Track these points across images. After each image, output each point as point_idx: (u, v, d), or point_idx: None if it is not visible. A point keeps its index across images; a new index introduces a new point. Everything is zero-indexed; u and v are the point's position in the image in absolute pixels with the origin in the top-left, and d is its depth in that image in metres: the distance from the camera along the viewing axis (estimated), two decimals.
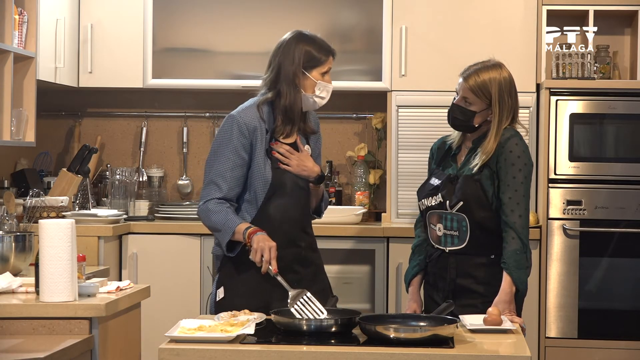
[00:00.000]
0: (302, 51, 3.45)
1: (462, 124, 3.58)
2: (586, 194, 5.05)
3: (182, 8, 5.43)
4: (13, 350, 2.92)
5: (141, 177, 5.74)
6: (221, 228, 3.38)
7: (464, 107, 3.55)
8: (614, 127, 5.12)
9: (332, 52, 3.53)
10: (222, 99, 5.72)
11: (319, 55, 3.47)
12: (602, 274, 5.05)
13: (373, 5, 5.35)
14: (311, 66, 3.46)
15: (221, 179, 3.41)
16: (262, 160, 3.44)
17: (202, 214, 3.46)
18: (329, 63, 3.50)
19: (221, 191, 3.41)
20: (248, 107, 3.50)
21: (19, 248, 3.67)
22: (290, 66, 3.44)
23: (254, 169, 3.45)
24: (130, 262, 5.14)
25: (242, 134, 3.42)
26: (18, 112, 4.79)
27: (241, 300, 3.38)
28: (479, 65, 3.56)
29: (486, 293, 3.48)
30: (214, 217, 3.40)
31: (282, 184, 3.46)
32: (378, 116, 5.57)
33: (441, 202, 3.55)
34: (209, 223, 3.44)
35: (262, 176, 3.44)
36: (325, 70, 3.49)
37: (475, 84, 3.52)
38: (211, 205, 3.41)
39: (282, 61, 3.46)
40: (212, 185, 3.43)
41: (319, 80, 3.47)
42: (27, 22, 4.86)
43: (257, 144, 3.44)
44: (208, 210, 3.42)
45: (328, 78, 3.51)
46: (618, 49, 5.48)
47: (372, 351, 2.75)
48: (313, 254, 3.59)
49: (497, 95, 3.52)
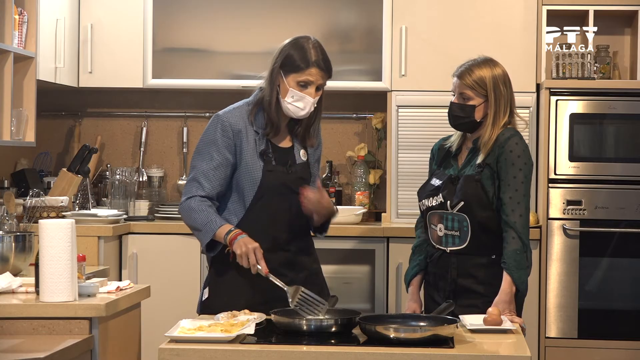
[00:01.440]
0: (285, 53, 3.39)
1: (463, 121, 3.58)
2: (586, 194, 5.05)
3: (182, 8, 5.43)
4: (13, 350, 2.92)
5: (141, 177, 5.74)
6: (202, 228, 3.34)
7: (463, 103, 3.56)
8: (614, 127, 5.12)
9: (318, 65, 3.37)
10: (222, 99, 5.68)
11: (297, 62, 3.36)
12: (602, 274, 5.05)
13: (373, 5, 5.35)
14: (288, 70, 3.38)
15: (204, 177, 3.38)
16: (252, 161, 3.40)
17: (183, 212, 3.41)
18: (309, 75, 3.36)
19: (204, 190, 3.37)
20: (236, 108, 3.47)
21: (19, 248, 3.66)
22: (273, 65, 3.41)
23: (241, 170, 3.41)
24: (130, 262, 5.14)
25: (226, 134, 3.39)
26: (18, 112, 4.80)
27: (223, 300, 3.36)
28: (470, 62, 3.59)
29: (487, 293, 3.48)
30: (195, 215, 3.35)
31: (272, 187, 3.41)
32: (378, 116, 5.57)
33: (442, 203, 3.55)
34: (189, 222, 3.40)
35: (250, 176, 3.40)
36: (302, 80, 3.36)
37: (470, 78, 3.54)
38: (193, 203, 3.37)
39: (273, 59, 3.44)
40: (194, 183, 3.39)
41: (293, 87, 3.36)
42: (27, 22, 4.86)
43: (243, 145, 3.40)
44: (190, 209, 3.37)
45: (309, 90, 3.37)
46: (618, 49, 5.48)
47: (372, 351, 2.75)
48: (306, 258, 3.52)
49: (491, 85, 3.54)
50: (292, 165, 3.47)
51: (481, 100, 3.56)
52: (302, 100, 3.38)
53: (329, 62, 3.43)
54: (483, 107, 3.56)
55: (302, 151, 3.52)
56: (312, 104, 3.39)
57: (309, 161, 3.54)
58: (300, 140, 3.52)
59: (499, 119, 3.55)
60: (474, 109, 3.55)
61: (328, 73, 3.42)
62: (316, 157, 3.61)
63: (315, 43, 3.42)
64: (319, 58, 3.38)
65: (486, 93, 3.55)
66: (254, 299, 3.35)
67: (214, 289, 3.46)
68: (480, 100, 3.55)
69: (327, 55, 3.43)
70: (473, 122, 3.57)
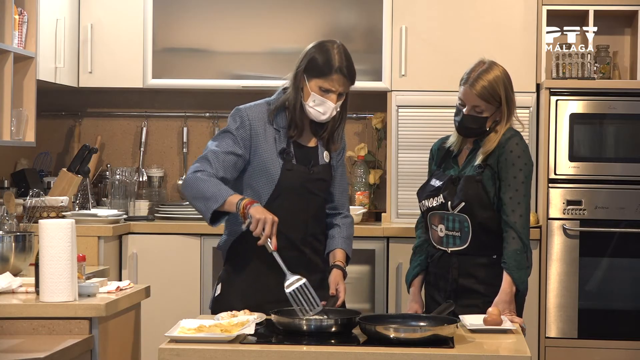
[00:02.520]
0: (310, 56, 3.36)
1: (475, 132, 3.56)
2: (586, 194, 5.05)
3: (182, 8, 5.43)
4: (13, 350, 2.92)
5: (141, 177, 5.74)
6: (210, 196, 3.25)
7: (476, 115, 3.54)
8: (614, 127, 5.12)
9: (337, 70, 3.32)
10: (222, 99, 5.72)
11: (321, 67, 3.33)
12: (602, 274, 5.05)
13: (373, 5, 5.35)
14: (311, 74, 3.35)
15: (214, 157, 3.34)
16: (271, 159, 3.38)
17: (189, 182, 3.31)
18: (331, 81, 3.32)
19: (212, 167, 3.32)
20: (257, 104, 3.45)
21: (19, 248, 3.66)
22: (297, 67, 3.41)
23: (255, 167, 3.39)
24: (130, 262, 5.14)
25: (244, 126, 3.38)
26: (18, 112, 4.80)
27: (235, 298, 3.36)
28: (478, 70, 3.53)
29: (488, 293, 3.48)
30: (203, 185, 3.27)
31: (290, 186, 3.39)
32: (378, 116, 5.57)
33: (443, 203, 3.55)
34: (194, 192, 3.29)
35: (267, 175, 3.37)
36: (325, 86, 3.33)
37: (484, 89, 3.49)
38: (202, 175, 3.29)
39: (298, 61, 3.43)
40: (204, 160, 3.35)
41: (315, 92, 3.34)
42: (27, 22, 4.86)
43: (260, 142, 3.39)
44: (197, 179, 3.29)
45: (331, 96, 3.34)
46: (618, 49, 5.48)
47: (372, 351, 2.74)
48: (320, 260, 3.48)
49: (504, 95, 3.52)
50: (315, 165, 3.45)
51: (493, 110, 3.54)
52: (323, 105, 3.35)
53: (353, 69, 3.38)
54: (493, 116, 3.55)
55: (325, 152, 3.50)
56: (333, 109, 3.36)
57: (332, 163, 3.51)
58: (325, 144, 3.49)
59: (506, 124, 3.54)
60: (486, 120, 3.54)
61: (351, 80, 3.38)
62: (339, 159, 3.56)
63: (340, 48, 3.38)
64: (343, 65, 3.34)
65: (499, 103, 3.52)
66: (265, 296, 3.34)
67: (226, 286, 3.45)
68: (492, 111, 3.53)
69: (351, 62, 3.38)
70: (483, 131, 3.56)
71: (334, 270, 3.44)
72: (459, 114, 3.56)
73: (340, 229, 3.54)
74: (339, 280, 3.42)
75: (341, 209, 3.58)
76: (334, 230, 3.53)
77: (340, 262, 3.46)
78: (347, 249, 3.52)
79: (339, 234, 3.52)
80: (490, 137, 3.53)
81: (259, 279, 3.39)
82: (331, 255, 3.50)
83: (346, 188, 3.62)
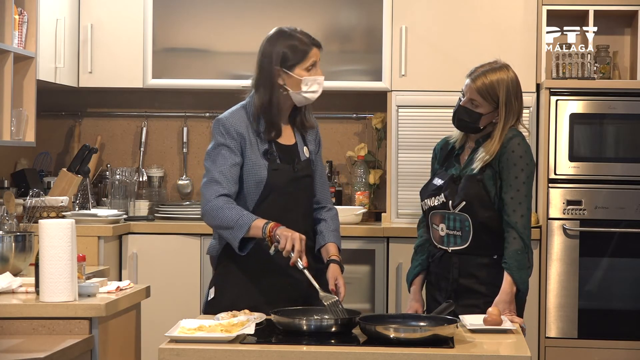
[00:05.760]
0: (280, 52, 3.39)
1: (467, 125, 3.57)
2: (586, 194, 5.05)
3: (182, 8, 5.43)
4: (13, 350, 2.92)
5: (141, 177, 5.74)
6: (234, 225, 3.28)
7: (471, 109, 3.55)
8: (614, 127, 5.12)
9: (314, 43, 3.41)
10: (222, 99, 5.70)
11: (298, 52, 3.39)
12: (602, 274, 5.05)
13: (373, 5, 5.35)
14: (292, 65, 3.39)
15: (222, 176, 3.35)
16: (257, 161, 3.40)
17: (211, 212, 3.33)
18: (313, 56, 3.41)
19: (224, 188, 3.34)
20: (235, 111, 3.47)
21: (19, 248, 3.67)
22: (269, 66, 3.41)
23: (245, 170, 3.40)
24: (130, 262, 5.14)
25: (231, 136, 3.39)
26: (18, 112, 4.80)
27: (228, 301, 3.35)
28: (486, 67, 3.55)
29: (488, 293, 3.48)
30: (223, 214, 3.29)
31: (278, 185, 3.41)
32: (378, 116, 5.57)
33: (444, 202, 3.55)
34: (217, 221, 3.32)
35: (255, 175, 3.39)
36: (309, 65, 3.40)
37: (483, 85, 3.51)
38: (221, 202, 3.31)
39: (262, 61, 3.44)
40: (213, 184, 3.35)
41: (304, 76, 3.38)
42: (27, 22, 4.86)
43: (247, 146, 3.40)
44: (217, 208, 3.31)
45: (316, 71, 3.42)
46: (618, 49, 5.48)
47: (372, 351, 2.75)
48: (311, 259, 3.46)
49: (504, 98, 3.52)
50: (298, 162, 3.48)
51: (489, 109, 3.54)
52: (315, 83, 3.41)
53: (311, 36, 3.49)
54: (490, 116, 3.55)
55: (305, 148, 3.53)
56: (322, 81, 3.43)
57: (311, 158, 3.54)
58: (300, 126, 3.51)
59: (507, 129, 3.54)
60: (480, 117, 3.54)
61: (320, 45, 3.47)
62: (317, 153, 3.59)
63: (293, 29, 3.46)
64: (309, 37, 3.43)
65: (496, 103, 3.53)
66: (259, 299, 3.35)
67: (220, 289, 3.46)
68: (488, 109, 3.54)
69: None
70: (476, 128, 3.57)
71: (331, 265, 3.44)
72: (457, 105, 3.58)
73: (327, 222, 3.55)
74: (337, 274, 3.42)
75: (324, 203, 3.60)
76: (321, 225, 3.55)
77: (336, 256, 3.47)
78: (337, 242, 3.53)
79: (327, 228, 3.54)
80: (491, 142, 3.53)
81: (252, 281, 3.40)
82: (324, 251, 3.50)
83: (326, 181, 3.66)
